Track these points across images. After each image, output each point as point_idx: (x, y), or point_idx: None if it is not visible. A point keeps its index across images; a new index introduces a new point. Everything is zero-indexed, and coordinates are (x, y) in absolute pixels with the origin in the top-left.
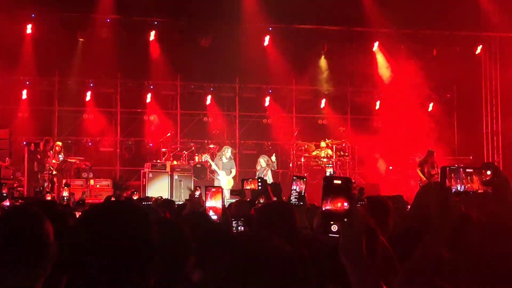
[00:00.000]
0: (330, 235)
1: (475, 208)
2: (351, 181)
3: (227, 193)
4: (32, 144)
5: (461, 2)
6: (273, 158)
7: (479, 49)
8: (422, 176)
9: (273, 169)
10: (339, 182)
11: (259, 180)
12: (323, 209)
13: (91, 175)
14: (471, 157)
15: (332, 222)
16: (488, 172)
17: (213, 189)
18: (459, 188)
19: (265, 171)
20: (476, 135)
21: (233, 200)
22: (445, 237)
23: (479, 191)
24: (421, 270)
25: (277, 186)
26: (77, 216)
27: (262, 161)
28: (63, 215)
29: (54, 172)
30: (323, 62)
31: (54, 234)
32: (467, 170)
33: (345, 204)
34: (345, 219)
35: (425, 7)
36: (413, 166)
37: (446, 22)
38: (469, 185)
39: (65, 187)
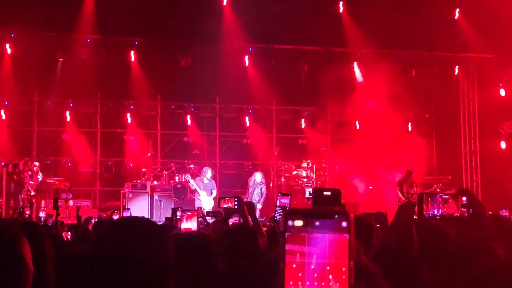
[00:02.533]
0: None
1: (454, 231)
2: (340, 192)
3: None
4: (10, 165)
5: (439, 23)
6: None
7: (457, 69)
8: (401, 195)
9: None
10: (329, 193)
11: (236, 199)
12: None
13: (70, 195)
14: (449, 177)
15: None
16: (464, 198)
17: (189, 212)
18: (435, 212)
19: (258, 187)
20: (455, 155)
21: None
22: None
23: (455, 214)
24: None
25: (250, 205)
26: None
27: (258, 175)
28: (42, 237)
29: (33, 193)
30: (303, 82)
31: (33, 256)
32: (443, 196)
33: None
34: None
35: (403, 28)
36: (392, 185)
37: (425, 43)
38: (445, 209)
39: (54, 209)
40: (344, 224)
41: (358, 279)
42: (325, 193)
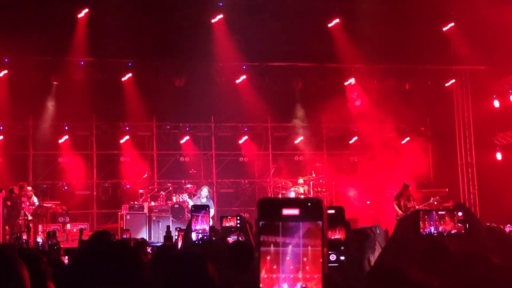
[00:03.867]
0: (329, 265)
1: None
2: (343, 210)
3: None
4: (3, 191)
5: (432, 36)
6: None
7: (450, 82)
8: (398, 210)
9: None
10: (333, 211)
11: (238, 217)
12: None
13: (67, 219)
14: (447, 190)
15: (330, 252)
16: (460, 213)
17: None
18: (432, 230)
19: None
20: (451, 167)
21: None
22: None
23: (452, 231)
24: None
25: (250, 224)
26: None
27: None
28: (38, 260)
29: (30, 218)
30: (297, 98)
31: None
32: (440, 212)
33: (340, 233)
34: (342, 247)
35: (397, 42)
36: (390, 200)
37: (418, 57)
38: (442, 227)
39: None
40: (317, 212)
41: None
42: (329, 211)
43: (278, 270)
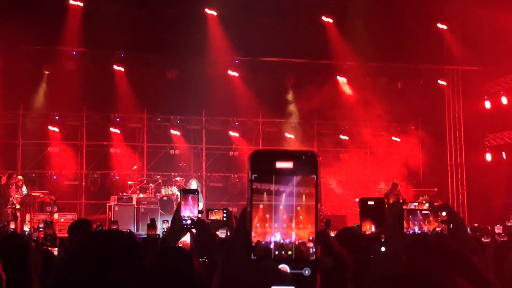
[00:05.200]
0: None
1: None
2: (383, 202)
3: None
4: None
5: (424, 36)
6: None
7: (442, 82)
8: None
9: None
10: (372, 203)
11: (224, 211)
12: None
13: (55, 209)
14: (436, 189)
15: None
16: (444, 213)
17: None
18: (416, 230)
19: None
20: (441, 167)
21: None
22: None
23: (437, 229)
24: None
25: (237, 218)
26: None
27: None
28: (26, 249)
29: (18, 206)
30: (289, 94)
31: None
32: (424, 211)
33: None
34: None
35: (389, 41)
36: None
37: (410, 56)
38: (426, 227)
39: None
40: (312, 165)
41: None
42: (369, 202)
43: (270, 220)
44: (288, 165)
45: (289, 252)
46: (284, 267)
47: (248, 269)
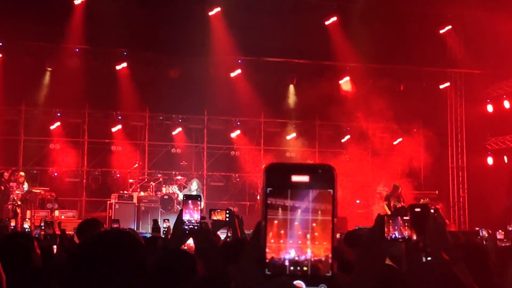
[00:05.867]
0: None
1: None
2: (428, 208)
3: None
4: None
5: (427, 39)
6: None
7: (445, 85)
8: (387, 210)
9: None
10: (419, 209)
11: (227, 211)
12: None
13: (56, 206)
14: (436, 192)
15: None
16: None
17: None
18: (397, 234)
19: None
20: (442, 170)
21: None
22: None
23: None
24: None
25: (240, 218)
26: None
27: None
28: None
29: (19, 203)
30: (291, 95)
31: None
32: (405, 218)
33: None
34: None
35: (392, 43)
36: (380, 200)
37: (413, 58)
38: (406, 232)
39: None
40: (328, 179)
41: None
42: (416, 209)
43: (285, 236)
44: (304, 178)
45: (305, 268)
46: (300, 283)
47: (262, 284)
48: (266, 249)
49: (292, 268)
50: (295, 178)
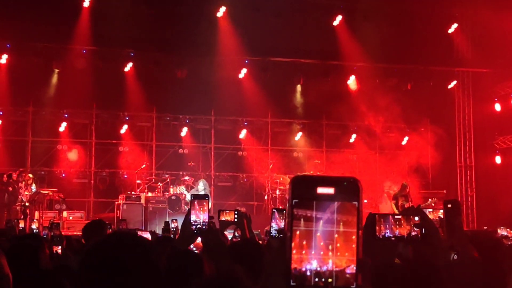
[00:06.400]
0: None
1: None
2: (458, 203)
3: None
4: (5, 176)
5: (435, 38)
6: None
7: (452, 84)
8: (395, 209)
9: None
10: (450, 205)
11: (236, 212)
12: None
13: (64, 206)
14: (444, 191)
15: None
16: (416, 218)
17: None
18: (388, 233)
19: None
20: (450, 169)
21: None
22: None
23: (412, 233)
24: None
25: (248, 217)
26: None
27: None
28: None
29: (27, 204)
30: (298, 95)
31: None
32: (396, 216)
33: None
34: None
35: (399, 42)
36: (388, 199)
37: (421, 57)
38: (398, 230)
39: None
40: (353, 191)
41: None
42: (448, 205)
43: (310, 247)
44: (330, 191)
45: (329, 280)
46: None
47: None
48: (291, 260)
49: (316, 279)
50: (321, 190)
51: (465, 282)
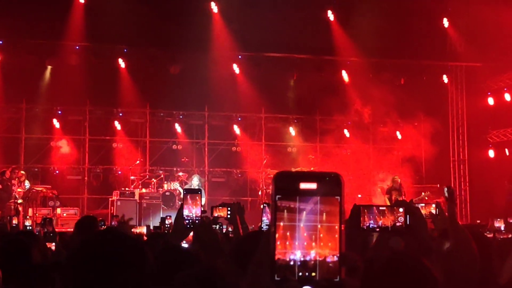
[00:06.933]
0: None
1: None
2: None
3: None
4: None
5: (428, 32)
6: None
7: (445, 78)
8: (389, 204)
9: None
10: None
11: (229, 208)
12: None
13: (57, 203)
14: (438, 185)
15: None
16: (401, 210)
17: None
18: (372, 224)
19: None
20: (443, 163)
21: None
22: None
23: (397, 224)
24: None
25: (240, 207)
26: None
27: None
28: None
29: (20, 201)
30: (292, 90)
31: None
32: (380, 208)
33: None
34: None
35: (393, 37)
36: (381, 194)
37: (414, 52)
38: (381, 221)
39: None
40: (335, 186)
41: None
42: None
43: (294, 242)
44: (312, 186)
45: (313, 274)
46: None
47: None
48: (275, 254)
49: (300, 273)
50: (303, 186)
51: (458, 272)
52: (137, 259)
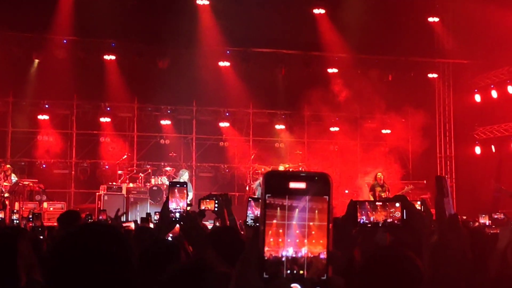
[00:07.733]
0: None
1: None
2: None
3: None
4: None
5: (416, 29)
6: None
7: (433, 75)
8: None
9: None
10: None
11: (216, 201)
12: None
13: (44, 197)
14: (425, 181)
15: None
16: (397, 204)
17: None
18: (364, 219)
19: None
20: (430, 160)
21: None
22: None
23: (388, 220)
24: None
25: (227, 199)
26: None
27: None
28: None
29: (6, 195)
30: (280, 85)
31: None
32: (377, 203)
33: None
34: None
35: (381, 33)
36: (368, 189)
37: (402, 48)
38: (373, 217)
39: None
40: (324, 186)
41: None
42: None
43: (282, 240)
44: (301, 185)
45: (301, 271)
46: (296, 286)
47: (260, 287)
48: (264, 253)
49: (289, 271)
50: (293, 185)
51: (446, 264)
52: (121, 252)
